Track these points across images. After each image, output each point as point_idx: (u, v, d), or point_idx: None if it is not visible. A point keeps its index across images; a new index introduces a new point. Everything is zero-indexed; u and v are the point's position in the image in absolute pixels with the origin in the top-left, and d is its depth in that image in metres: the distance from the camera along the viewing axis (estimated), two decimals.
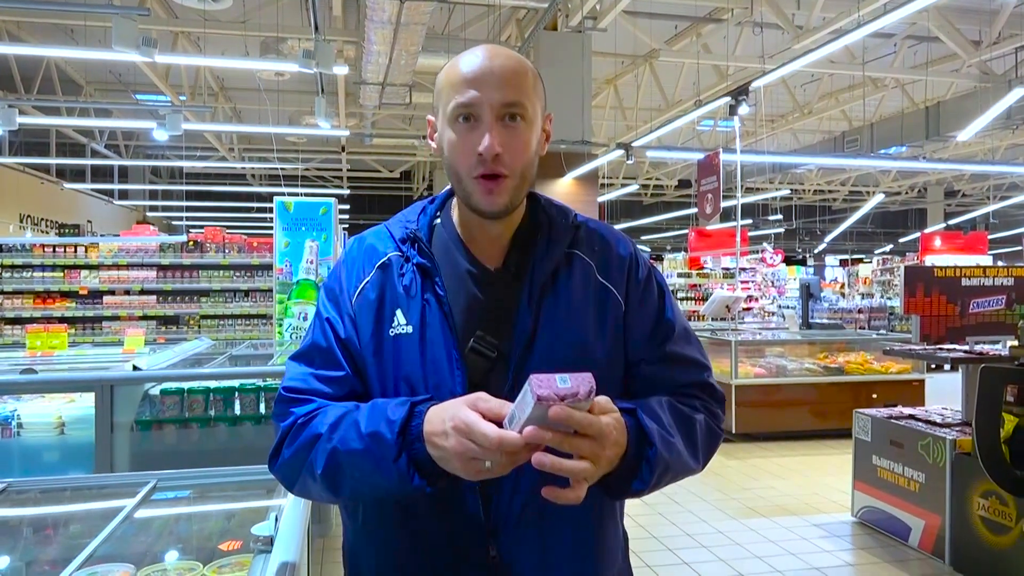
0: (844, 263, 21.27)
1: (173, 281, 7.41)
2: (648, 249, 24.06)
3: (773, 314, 14.55)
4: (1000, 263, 15.28)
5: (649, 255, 10.93)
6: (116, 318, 7.30)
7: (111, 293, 7.38)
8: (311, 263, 5.98)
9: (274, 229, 6.12)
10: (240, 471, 2.05)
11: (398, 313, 1.12)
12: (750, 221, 19.22)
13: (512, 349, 1.10)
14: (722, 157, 7.53)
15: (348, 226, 16.07)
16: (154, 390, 3.08)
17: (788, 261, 18.48)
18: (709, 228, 13.40)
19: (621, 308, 1.17)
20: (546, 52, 8.73)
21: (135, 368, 3.04)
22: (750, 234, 18.99)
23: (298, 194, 9.32)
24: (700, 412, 1.16)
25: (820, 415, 7.09)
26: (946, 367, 7.51)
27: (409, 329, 1.11)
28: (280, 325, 5.97)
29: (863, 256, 21.96)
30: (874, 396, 7.03)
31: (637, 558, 4.09)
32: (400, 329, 1.11)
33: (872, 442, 4.58)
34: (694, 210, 9.55)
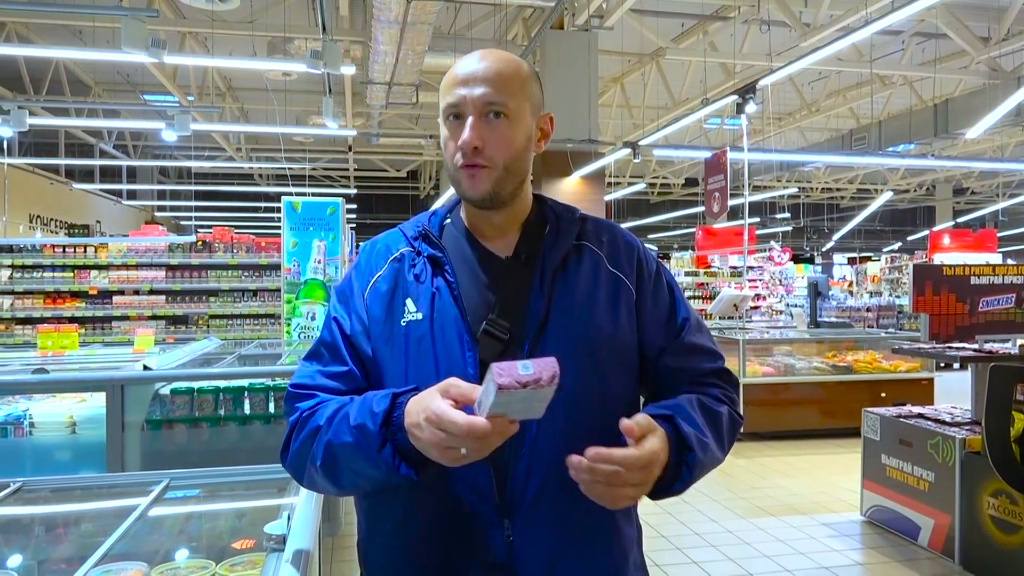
0: (852, 261, 21.13)
1: (182, 281, 7.44)
2: (655, 248, 24.01)
3: (781, 312, 14.53)
4: (1010, 261, 15.18)
5: (656, 253, 10.92)
6: (126, 318, 7.34)
7: (120, 293, 7.42)
8: (319, 263, 6.01)
9: (282, 229, 6.15)
10: (252, 470, 2.07)
11: (408, 302, 1.15)
12: (757, 219, 19.11)
13: (525, 332, 1.12)
14: (729, 155, 7.49)
15: (355, 226, 16.10)
16: (164, 390, 3.10)
17: (796, 259, 18.41)
18: (716, 227, 13.34)
19: (632, 296, 1.20)
20: (552, 51, 8.73)
21: (145, 368, 3.06)
22: (758, 232, 18.87)
23: (305, 194, 9.33)
24: (723, 403, 1.20)
25: (829, 414, 7.06)
26: (955, 366, 7.52)
27: (419, 316, 1.14)
28: (288, 324, 6.01)
29: (871, 254, 21.82)
30: (883, 395, 7.00)
31: (646, 557, 4.07)
32: (411, 316, 1.14)
33: (881, 441, 4.57)
34: (701, 209, 9.51)
